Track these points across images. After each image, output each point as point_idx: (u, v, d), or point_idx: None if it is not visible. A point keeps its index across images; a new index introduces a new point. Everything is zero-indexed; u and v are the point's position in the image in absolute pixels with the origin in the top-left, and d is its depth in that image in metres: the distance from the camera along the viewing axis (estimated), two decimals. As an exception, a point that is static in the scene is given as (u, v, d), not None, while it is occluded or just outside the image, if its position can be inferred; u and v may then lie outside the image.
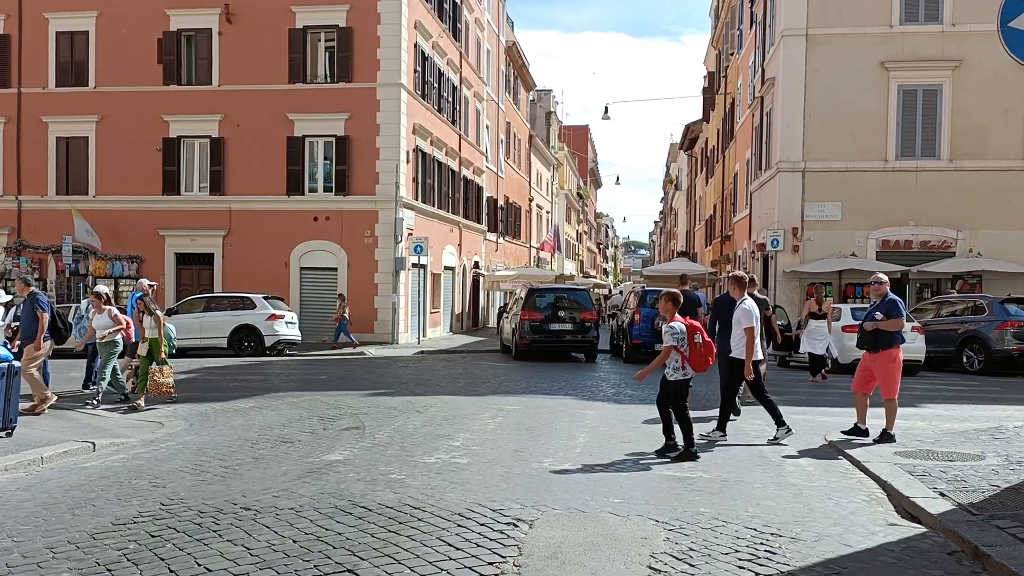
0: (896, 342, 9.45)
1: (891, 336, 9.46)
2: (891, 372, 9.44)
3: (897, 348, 9.46)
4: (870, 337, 9.58)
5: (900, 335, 9.53)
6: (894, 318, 9.42)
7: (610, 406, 12.05)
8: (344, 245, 26.52)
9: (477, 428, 9.64)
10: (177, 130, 27.03)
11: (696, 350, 8.31)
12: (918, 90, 24.57)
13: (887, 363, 9.44)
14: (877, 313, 9.57)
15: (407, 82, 26.84)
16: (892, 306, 9.51)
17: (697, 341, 8.32)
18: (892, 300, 9.56)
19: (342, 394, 12.81)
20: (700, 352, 8.33)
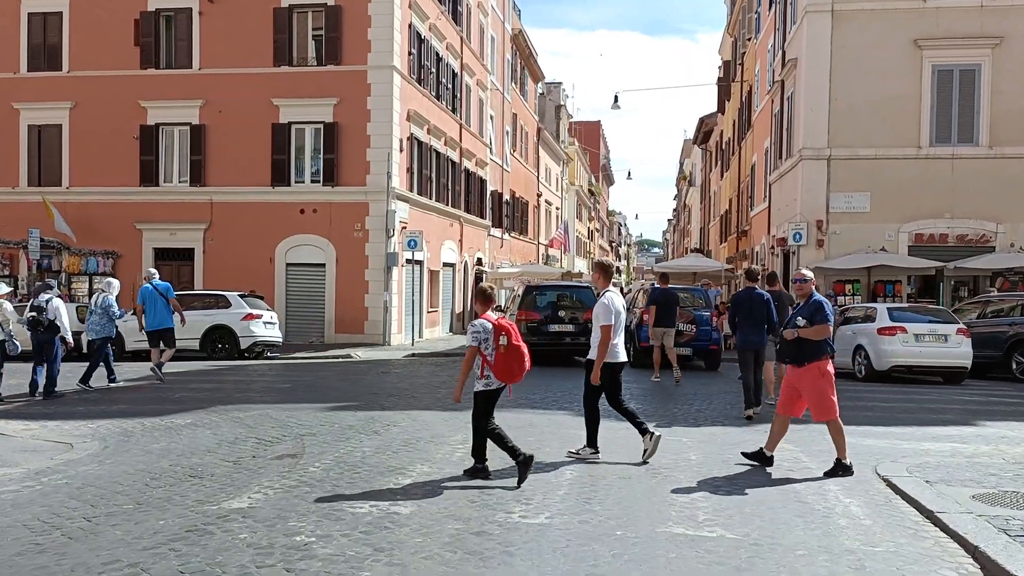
0: (824, 352, 7.79)
1: (817, 346, 7.75)
2: (821, 389, 7.71)
3: (826, 360, 7.76)
4: (792, 348, 7.83)
5: (829, 344, 7.86)
6: (819, 323, 7.70)
7: (610, 424, 10.13)
8: (332, 239, 24.73)
9: (440, 457, 7.80)
10: (155, 117, 25.30)
11: (500, 354, 6.93)
12: (954, 70, 22.53)
13: (815, 379, 7.71)
14: (799, 318, 7.82)
15: (400, 65, 25.01)
16: (817, 309, 7.78)
17: (503, 343, 6.93)
18: (818, 302, 7.85)
19: (300, 407, 10.99)
20: (504, 357, 6.93)
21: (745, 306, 11.59)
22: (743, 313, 11.57)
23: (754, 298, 11.59)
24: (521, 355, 7.07)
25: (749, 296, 11.66)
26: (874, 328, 15.89)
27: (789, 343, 7.85)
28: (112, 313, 14.05)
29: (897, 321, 15.69)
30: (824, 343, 7.79)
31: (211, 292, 21.15)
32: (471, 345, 7.10)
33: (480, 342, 7.01)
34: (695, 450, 8.47)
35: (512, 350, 7.00)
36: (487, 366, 7.03)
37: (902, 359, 15.55)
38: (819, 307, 7.78)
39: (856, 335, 16.42)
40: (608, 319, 7.94)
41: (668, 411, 11.40)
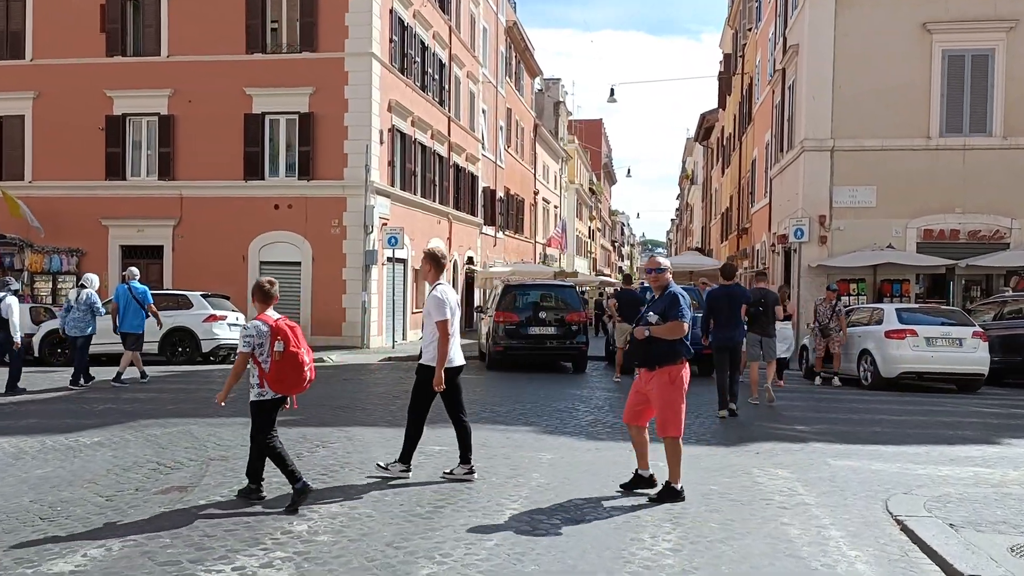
0: (680, 355, 6.57)
1: (671, 347, 6.48)
2: (669, 399, 6.49)
3: (681, 364, 6.58)
4: (642, 348, 6.57)
5: (684, 346, 6.62)
6: (672, 320, 6.43)
7: (578, 443, 8.85)
8: (309, 236, 23.41)
9: (337, 509, 6.46)
10: (122, 107, 23.99)
11: (275, 362, 6.01)
12: (966, 56, 21.18)
13: (664, 386, 6.49)
14: (651, 314, 6.65)
15: (380, 52, 23.68)
16: (671, 303, 6.52)
17: (278, 350, 5.97)
18: (673, 295, 6.58)
19: (230, 423, 9.68)
20: (279, 366, 6.00)
21: (722, 304, 11.18)
22: (719, 311, 11.15)
23: (731, 295, 11.25)
24: (298, 364, 6.06)
25: (726, 294, 11.26)
26: (881, 331, 14.54)
27: (639, 343, 6.62)
28: (96, 310, 13.83)
29: (907, 323, 14.35)
30: (680, 344, 6.54)
31: (171, 292, 19.84)
32: (241, 351, 6.11)
33: (253, 347, 6.01)
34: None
35: (288, 358, 6.00)
36: (262, 375, 6.08)
37: (912, 365, 14.21)
38: (674, 301, 6.54)
39: (862, 339, 15.08)
40: (443, 314, 6.85)
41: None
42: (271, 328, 6.05)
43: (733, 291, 11.46)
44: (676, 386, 6.52)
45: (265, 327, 6.08)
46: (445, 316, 6.86)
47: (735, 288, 11.64)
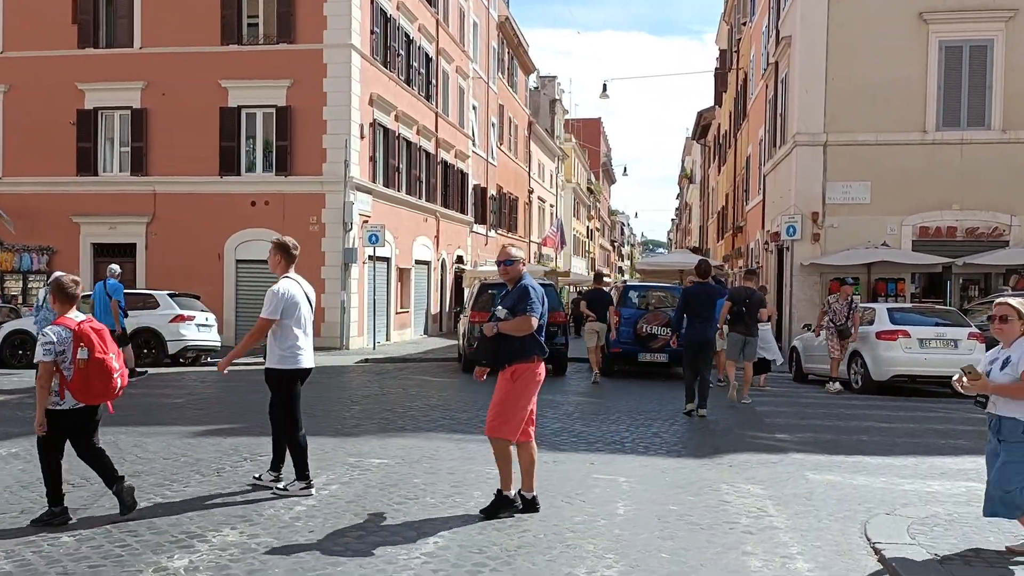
0: (531, 353, 5.88)
1: (521, 344, 5.83)
2: (505, 398, 5.88)
3: (531, 362, 5.88)
4: (489, 346, 5.89)
5: (537, 343, 5.94)
6: (521, 314, 5.73)
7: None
8: (286, 234, 22.33)
9: (270, 515, 5.74)
10: (94, 100, 23.29)
11: (79, 370, 5.37)
12: (964, 46, 20.44)
13: (504, 382, 5.90)
14: (499, 308, 6.05)
15: (360, 43, 22.97)
16: (521, 297, 5.81)
17: (82, 357, 5.36)
18: (523, 288, 5.91)
19: (164, 432, 8.98)
20: (84, 373, 5.37)
21: (697, 301, 11.08)
22: (693, 308, 11.07)
23: (706, 293, 11.14)
24: (106, 371, 5.44)
25: (700, 291, 11.17)
26: (872, 332, 13.81)
27: (487, 341, 5.96)
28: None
29: (899, 324, 13.62)
30: (531, 341, 5.84)
31: (137, 291, 19.12)
32: (42, 360, 5.39)
33: (55, 355, 5.37)
34: (629, 498, 6.42)
35: (94, 365, 5.38)
36: (63, 384, 5.43)
37: (904, 368, 13.48)
38: (523, 294, 5.85)
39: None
40: (272, 311, 6.23)
41: (617, 435, 9.34)
42: (74, 333, 5.39)
43: (707, 288, 11.35)
44: (518, 385, 5.84)
45: (67, 332, 5.41)
46: (273, 315, 6.25)
47: (709, 286, 11.51)
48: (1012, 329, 5.22)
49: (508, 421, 5.84)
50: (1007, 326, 5.23)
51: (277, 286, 6.40)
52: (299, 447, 6.37)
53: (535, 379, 5.92)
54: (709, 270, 11.83)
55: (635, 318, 15.81)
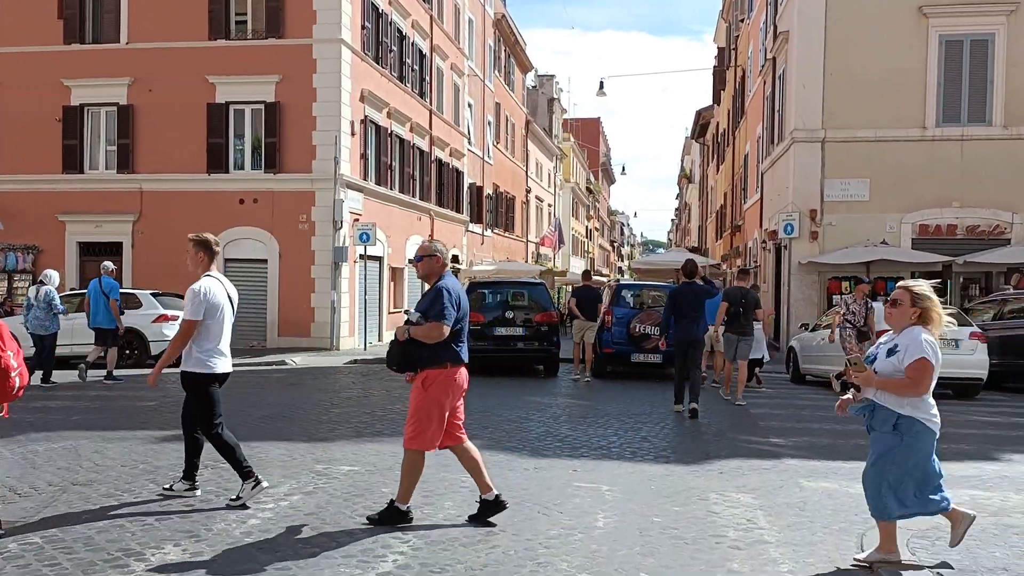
0: (443, 360, 5.48)
1: (432, 350, 5.45)
2: (420, 407, 5.48)
3: (447, 369, 5.50)
4: (397, 351, 5.55)
5: (451, 350, 5.51)
6: (432, 320, 5.32)
7: (516, 461, 7.74)
8: (275, 232, 22.29)
9: (220, 530, 5.35)
10: (79, 97, 22.88)
11: None
12: (964, 41, 20.08)
13: (416, 391, 5.53)
14: (412, 311, 5.71)
15: (351, 38, 22.57)
16: (433, 300, 5.48)
17: None
18: (437, 290, 5.53)
19: (130, 436, 8.59)
20: None
21: (684, 300, 11.01)
22: (681, 308, 11.06)
23: (694, 292, 11.07)
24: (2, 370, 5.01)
25: (688, 291, 11.11)
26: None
27: (397, 344, 5.56)
28: (55, 306, 13.55)
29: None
30: (443, 347, 5.43)
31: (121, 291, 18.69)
32: None
33: None
34: (611, 509, 6.02)
35: None
36: None
37: (905, 369, 13.06)
38: (436, 298, 5.46)
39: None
40: (195, 312, 5.91)
41: (604, 439, 8.94)
42: None
43: (694, 288, 11.23)
44: (431, 393, 5.45)
45: None
46: (196, 316, 5.92)
47: (696, 285, 11.37)
48: (902, 315, 4.84)
49: (423, 432, 5.46)
50: (897, 311, 4.86)
51: (198, 285, 6.08)
52: (227, 446, 6.02)
53: (450, 386, 5.51)
54: (696, 270, 11.73)
55: (628, 318, 15.41)
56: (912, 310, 4.80)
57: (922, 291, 4.84)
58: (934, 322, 4.82)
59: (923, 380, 4.67)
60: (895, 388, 4.72)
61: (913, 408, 4.76)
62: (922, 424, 4.79)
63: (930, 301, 4.81)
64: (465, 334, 5.63)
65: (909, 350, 4.69)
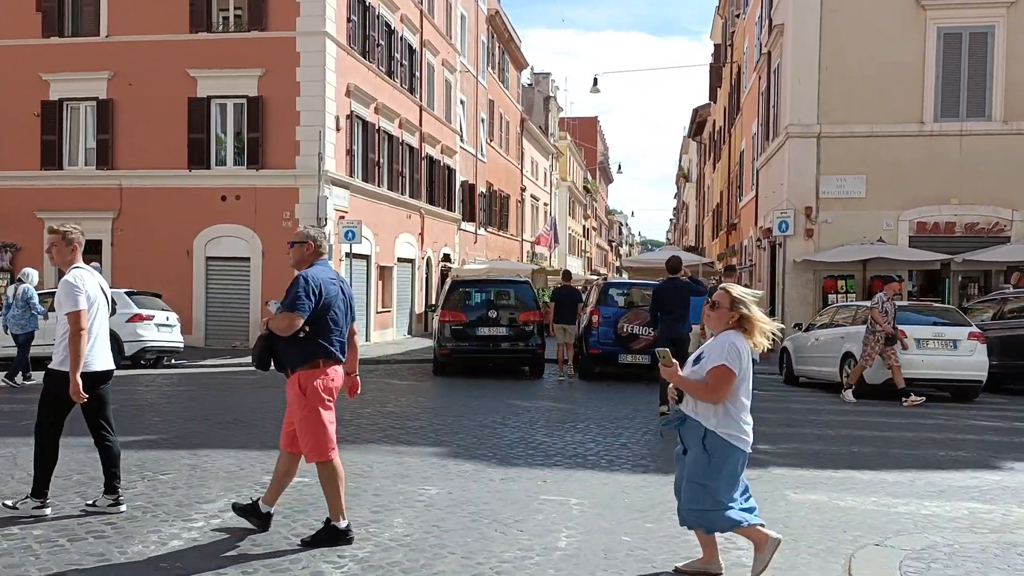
0: (308, 358, 4.99)
1: (296, 347, 4.97)
2: (304, 415, 4.99)
3: (319, 368, 5.00)
4: (259, 346, 5.14)
5: (318, 346, 4.99)
6: (285, 310, 4.83)
7: (484, 471, 7.23)
8: (258, 230, 21.77)
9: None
10: (58, 91, 22.35)
11: None
12: (963, 33, 19.59)
13: (297, 398, 5.03)
14: (272, 302, 5.49)
15: (335, 32, 22.05)
16: (289, 288, 4.96)
17: None
18: (295, 278, 5.01)
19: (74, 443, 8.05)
20: None
21: (667, 297, 10.86)
22: (664, 304, 10.88)
23: (676, 289, 10.88)
24: None
25: (671, 287, 10.91)
26: (865, 331, 12.90)
27: (259, 340, 5.15)
28: (33, 306, 13.36)
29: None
30: (312, 344, 4.95)
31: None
32: None
33: None
34: (577, 526, 5.50)
35: None
36: None
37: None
38: (291, 285, 5.00)
39: (845, 340, 13.45)
40: (75, 302, 5.42)
41: (581, 446, 8.42)
42: None
43: (677, 284, 10.99)
44: (311, 399, 4.96)
45: None
46: (79, 306, 5.42)
47: (679, 282, 11.09)
48: (720, 317, 4.43)
49: (319, 440, 5.00)
50: (715, 313, 4.46)
51: (72, 276, 5.61)
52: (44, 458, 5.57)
53: (327, 386, 5.05)
54: (679, 266, 11.49)
55: (616, 317, 14.88)
56: (730, 314, 4.42)
57: (742, 295, 4.45)
58: (754, 330, 4.42)
59: (720, 387, 4.27)
60: (693, 390, 4.35)
61: (721, 422, 4.35)
62: (727, 443, 4.35)
63: (747, 309, 4.41)
64: (338, 328, 5.14)
65: (713, 355, 4.32)
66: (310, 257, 5.18)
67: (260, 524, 5.19)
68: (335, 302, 5.09)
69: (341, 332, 5.17)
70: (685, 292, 10.91)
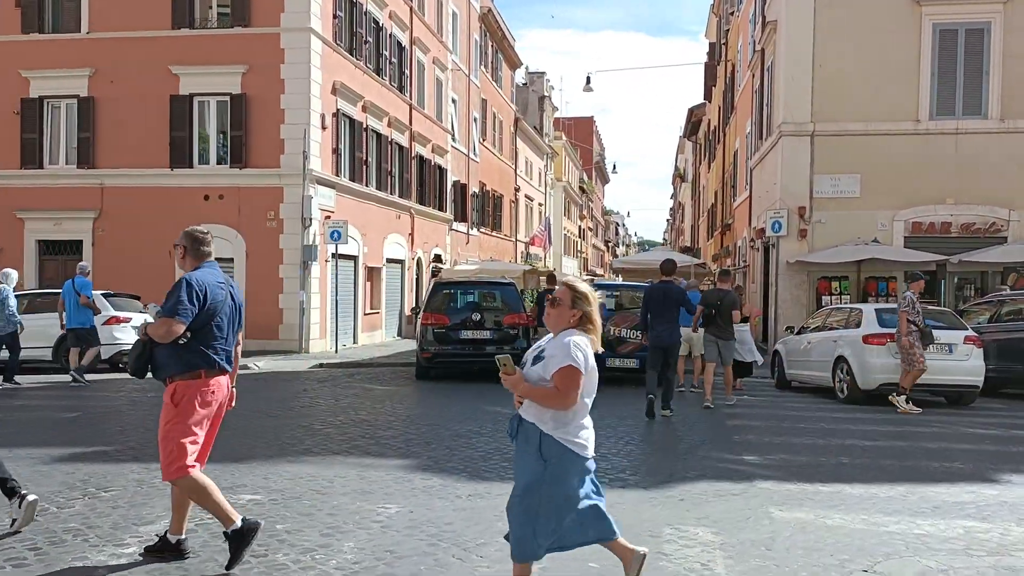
0: (193, 366, 4.65)
1: (180, 355, 4.62)
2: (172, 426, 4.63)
3: (200, 379, 4.67)
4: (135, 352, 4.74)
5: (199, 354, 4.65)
6: (164, 315, 4.54)
7: (451, 487, 6.83)
8: (242, 230, 21.35)
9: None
10: (39, 89, 21.93)
11: None
12: (959, 29, 19.25)
13: (167, 408, 4.68)
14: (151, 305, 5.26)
15: (321, 28, 21.65)
16: (171, 292, 4.65)
17: None
18: (178, 282, 4.69)
19: (20, 456, 7.66)
20: None
21: (657, 301, 10.72)
22: (655, 308, 10.74)
23: (667, 292, 10.73)
24: None
25: (662, 291, 10.73)
26: (859, 335, 12.51)
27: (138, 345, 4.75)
28: (7, 307, 13.23)
29: (888, 327, 12.33)
30: (192, 351, 4.61)
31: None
32: None
33: None
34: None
35: None
36: None
37: (894, 375, 12.19)
38: (174, 289, 4.67)
39: (837, 344, 13.05)
40: None
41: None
42: None
43: (667, 288, 10.76)
44: (181, 408, 4.60)
45: None
46: None
47: (670, 285, 10.86)
48: (561, 315, 4.02)
49: (178, 457, 4.60)
50: (556, 311, 4.05)
51: None
52: None
53: (204, 399, 4.69)
54: (673, 269, 11.28)
55: (602, 320, 14.44)
56: (572, 312, 4.00)
57: (586, 292, 4.05)
58: (596, 328, 4.04)
59: (570, 390, 3.85)
60: (541, 398, 3.89)
61: (557, 425, 3.92)
62: (564, 447, 3.93)
63: (591, 306, 4.03)
64: (223, 336, 4.77)
65: (556, 356, 3.88)
66: (194, 261, 4.81)
67: (177, 556, 4.77)
68: (221, 308, 4.73)
69: (227, 340, 4.80)
70: (672, 296, 10.72)
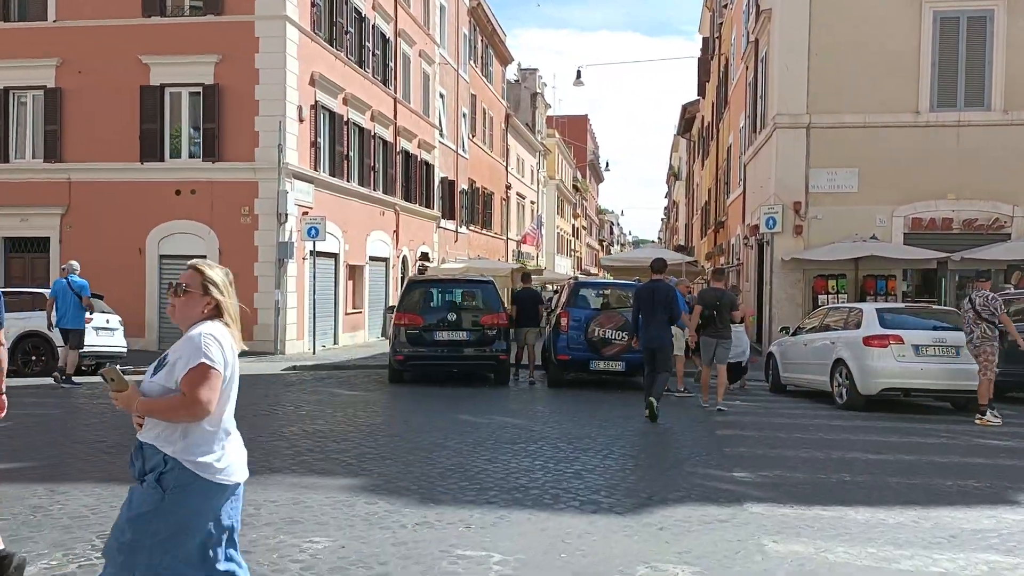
0: None
1: None
2: None
3: None
4: None
5: None
6: None
7: (396, 512, 5.98)
8: (215, 226, 20.54)
9: None
10: (4, 79, 21.06)
11: None
12: (960, 18, 18.46)
13: None
14: None
15: (298, 16, 20.81)
16: None
17: None
18: None
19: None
20: None
21: (644, 300, 10.44)
22: (645, 309, 10.44)
23: (657, 292, 10.37)
24: None
25: (652, 290, 10.32)
26: (859, 337, 11.71)
27: None
28: None
29: (890, 327, 11.55)
30: None
31: (28, 290, 16.95)
32: None
33: None
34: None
35: None
36: None
37: (896, 380, 11.41)
38: None
39: (836, 346, 12.26)
40: None
41: (526, 475, 7.20)
42: None
43: (656, 288, 10.30)
44: None
45: None
46: None
47: (660, 285, 10.37)
48: (190, 305, 3.21)
49: None
50: (182, 300, 3.22)
51: None
52: None
53: None
54: (663, 267, 10.83)
55: (587, 320, 13.64)
56: (205, 299, 3.20)
57: (217, 277, 3.25)
58: (235, 322, 3.25)
59: (203, 394, 3.00)
60: (166, 411, 3.03)
61: (188, 448, 3.06)
62: (194, 475, 3.05)
63: (228, 295, 3.25)
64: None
65: (184, 355, 3.05)
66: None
67: None
68: None
69: None
70: (662, 296, 10.28)
